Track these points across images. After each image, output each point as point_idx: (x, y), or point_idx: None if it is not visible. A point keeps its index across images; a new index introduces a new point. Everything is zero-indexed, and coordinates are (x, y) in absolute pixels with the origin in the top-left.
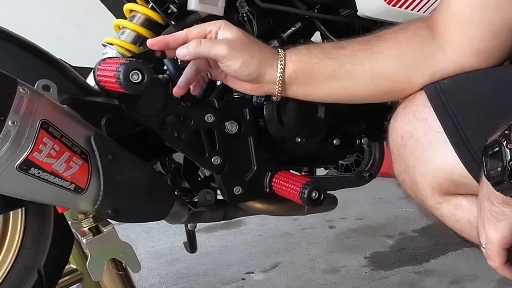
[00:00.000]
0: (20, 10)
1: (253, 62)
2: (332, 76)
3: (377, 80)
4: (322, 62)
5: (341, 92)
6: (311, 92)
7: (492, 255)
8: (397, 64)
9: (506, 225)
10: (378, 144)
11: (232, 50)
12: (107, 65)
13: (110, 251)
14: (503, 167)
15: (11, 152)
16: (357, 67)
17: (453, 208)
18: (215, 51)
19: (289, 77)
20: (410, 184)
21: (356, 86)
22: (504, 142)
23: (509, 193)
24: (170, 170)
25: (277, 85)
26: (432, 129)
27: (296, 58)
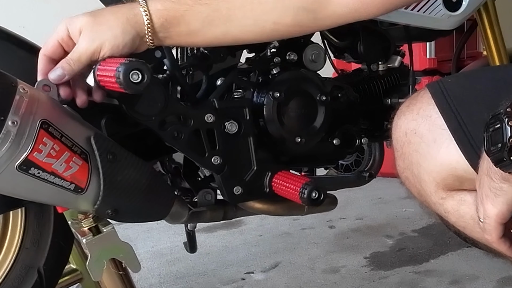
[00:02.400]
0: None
1: (117, 33)
2: (208, 22)
3: (260, 24)
4: (193, 9)
5: (221, 37)
6: (191, 40)
7: (489, 229)
8: (282, 7)
9: (504, 201)
10: (378, 144)
11: (92, 40)
12: (107, 65)
13: (110, 251)
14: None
15: (11, 152)
16: (235, 12)
17: (457, 203)
18: (84, 56)
19: (161, 26)
20: (413, 181)
21: (238, 30)
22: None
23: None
24: (170, 170)
25: (146, 35)
26: (436, 126)
27: (162, 7)
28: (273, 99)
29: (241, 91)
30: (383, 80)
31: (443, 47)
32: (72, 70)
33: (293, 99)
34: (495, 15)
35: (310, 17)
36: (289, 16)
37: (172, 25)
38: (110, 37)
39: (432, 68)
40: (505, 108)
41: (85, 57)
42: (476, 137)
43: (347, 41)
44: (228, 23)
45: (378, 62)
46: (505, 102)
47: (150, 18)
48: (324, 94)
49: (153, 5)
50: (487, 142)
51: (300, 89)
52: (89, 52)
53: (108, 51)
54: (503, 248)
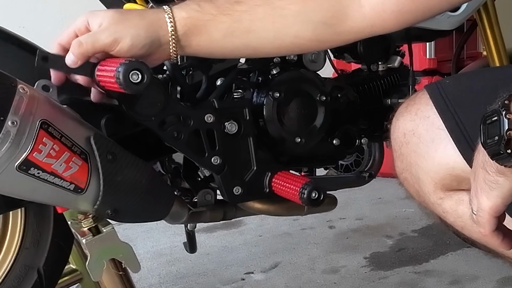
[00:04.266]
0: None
1: (140, 32)
2: (230, 33)
3: (281, 37)
4: (216, 19)
5: (242, 48)
6: (211, 50)
7: (482, 222)
8: (302, 21)
9: (498, 194)
10: (378, 144)
11: (115, 32)
12: (107, 65)
13: (109, 251)
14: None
15: (11, 152)
16: (257, 24)
17: (455, 203)
18: (100, 43)
19: (184, 34)
20: (412, 182)
21: (258, 42)
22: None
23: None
24: (170, 170)
25: (171, 44)
26: (434, 126)
27: (187, 15)
28: (273, 99)
29: (241, 91)
30: (383, 80)
31: (443, 47)
32: (80, 54)
33: (293, 99)
34: (495, 15)
35: (329, 31)
36: (309, 31)
37: (194, 34)
38: (132, 34)
39: (432, 69)
40: (503, 100)
41: (99, 44)
42: (474, 137)
43: None
44: (248, 34)
45: (378, 62)
46: (503, 94)
47: (174, 26)
48: (324, 94)
49: (178, 12)
50: (484, 135)
51: (300, 89)
52: (106, 41)
53: (126, 47)
54: (495, 241)
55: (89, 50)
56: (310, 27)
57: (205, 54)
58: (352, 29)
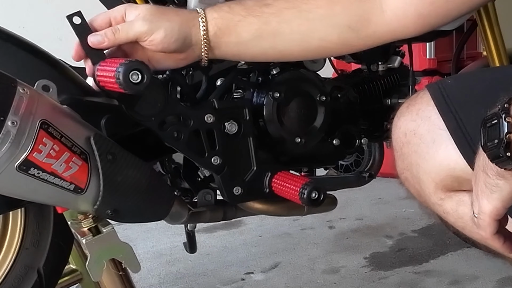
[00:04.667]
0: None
1: (175, 26)
2: (258, 35)
3: (307, 40)
4: (246, 20)
5: (269, 51)
6: (239, 52)
7: (483, 225)
8: (328, 25)
9: (499, 197)
10: (378, 144)
11: (150, 22)
12: (107, 65)
13: (109, 251)
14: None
15: (11, 152)
16: (283, 26)
17: (456, 204)
18: (134, 30)
19: (215, 35)
20: (412, 182)
21: (284, 45)
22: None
23: (505, 166)
24: (170, 170)
25: (202, 44)
26: (435, 126)
27: (218, 15)
28: (273, 100)
29: (241, 92)
30: (383, 81)
31: (443, 47)
32: (114, 40)
33: (293, 100)
34: (495, 15)
35: (353, 36)
36: (334, 34)
37: (224, 35)
38: (167, 28)
39: (432, 69)
40: (502, 104)
41: (133, 33)
42: (475, 138)
43: None
44: (276, 37)
45: (378, 63)
46: (503, 98)
47: (206, 26)
48: (324, 94)
49: (210, 13)
50: (484, 138)
51: (300, 89)
52: (141, 30)
53: (159, 38)
54: (497, 244)
55: (122, 38)
56: (335, 31)
57: (233, 56)
58: (375, 34)
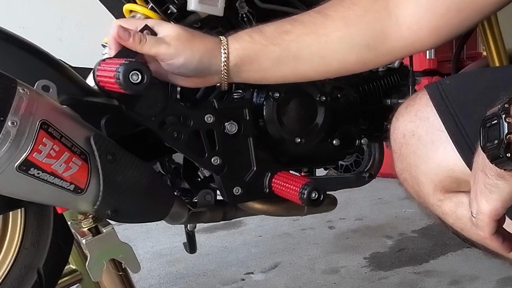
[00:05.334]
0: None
1: (195, 56)
2: (279, 61)
3: (326, 62)
4: (266, 48)
5: (289, 75)
6: (260, 78)
7: (482, 225)
8: (346, 47)
9: (498, 197)
10: (378, 144)
11: (175, 48)
12: (107, 66)
13: (109, 252)
14: (500, 140)
15: (11, 152)
16: (304, 51)
17: (455, 205)
18: (157, 49)
19: (235, 65)
20: (411, 183)
21: (305, 68)
22: (503, 115)
23: (504, 166)
24: (170, 171)
25: (222, 74)
26: (434, 127)
27: (239, 46)
28: (272, 100)
29: (241, 92)
30: (383, 81)
31: (443, 47)
32: (136, 46)
33: (292, 100)
34: (495, 16)
35: (371, 54)
36: (353, 55)
37: (245, 64)
38: (188, 56)
39: (431, 69)
40: (502, 104)
41: (155, 51)
42: (474, 139)
43: None
44: (296, 62)
45: None
46: (503, 97)
47: (227, 57)
48: (323, 94)
49: (232, 44)
50: (483, 138)
51: (299, 89)
52: (163, 51)
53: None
54: (495, 244)
55: (144, 49)
56: (354, 51)
57: (253, 81)
58: (392, 50)
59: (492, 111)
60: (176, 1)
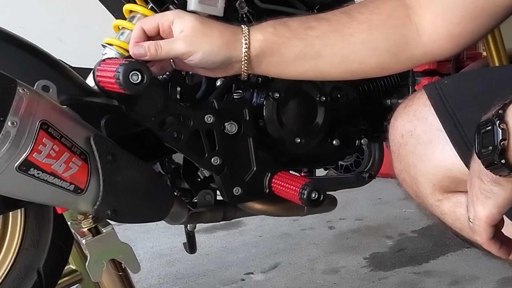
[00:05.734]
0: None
1: (214, 49)
2: (301, 56)
3: (347, 62)
4: (290, 42)
5: (310, 71)
6: (280, 71)
7: (479, 230)
8: (369, 49)
9: (494, 203)
10: (378, 144)
11: (190, 44)
12: (107, 66)
13: (109, 252)
14: (494, 147)
15: (11, 152)
16: (326, 49)
17: (453, 205)
18: (174, 52)
19: (256, 55)
20: (410, 183)
21: (326, 66)
22: (497, 122)
23: (499, 172)
24: (170, 171)
25: (242, 64)
26: (432, 127)
27: (262, 37)
28: (272, 100)
29: (241, 92)
30: (383, 81)
31: None
32: (155, 56)
33: (292, 100)
34: None
35: (392, 59)
36: (374, 58)
37: (266, 55)
38: (206, 50)
39: (431, 69)
40: (496, 110)
41: (174, 53)
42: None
43: None
44: (318, 59)
45: None
46: (497, 104)
47: (248, 48)
48: (323, 94)
49: (254, 34)
50: (478, 144)
51: (299, 89)
52: (181, 52)
53: (197, 60)
54: (493, 249)
55: (163, 55)
56: (375, 55)
57: (273, 74)
58: (412, 57)
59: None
60: (176, 1)
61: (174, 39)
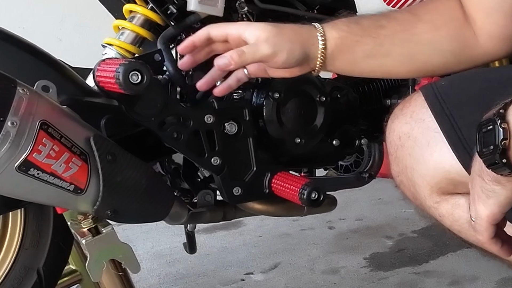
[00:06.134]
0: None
1: (296, 47)
2: (372, 55)
3: (413, 62)
4: (363, 40)
5: (376, 70)
6: (350, 69)
7: (480, 229)
8: (433, 49)
9: (495, 202)
10: (378, 145)
11: (274, 45)
12: (107, 66)
13: (109, 252)
14: (495, 146)
15: (11, 152)
16: (395, 48)
17: (452, 207)
18: (260, 54)
19: (331, 53)
20: (408, 185)
21: (392, 65)
22: (498, 121)
23: (500, 171)
24: (170, 171)
25: (318, 61)
26: (429, 129)
27: (337, 35)
28: (272, 100)
29: (241, 92)
30: (383, 81)
31: None
32: (240, 62)
33: (292, 100)
34: None
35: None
36: (438, 58)
37: (340, 53)
38: (289, 49)
39: None
40: (497, 109)
41: (259, 56)
42: (469, 139)
43: None
44: (386, 57)
45: None
46: (498, 103)
47: (325, 44)
48: (323, 95)
49: (330, 32)
50: (480, 144)
51: (299, 90)
52: (266, 54)
53: (282, 60)
54: (494, 248)
55: (248, 60)
56: (439, 55)
57: (343, 71)
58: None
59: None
60: (176, 1)
61: (256, 44)
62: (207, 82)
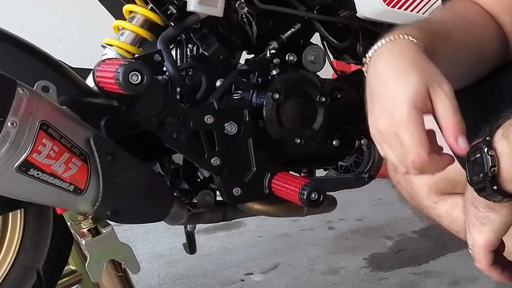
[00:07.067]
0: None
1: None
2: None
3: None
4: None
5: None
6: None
7: (478, 257)
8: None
9: (490, 229)
10: None
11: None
12: (107, 66)
13: (109, 252)
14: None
15: (10, 153)
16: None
17: (450, 207)
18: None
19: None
20: (405, 185)
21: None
22: (485, 149)
23: (492, 198)
24: (170, 171)
25: None
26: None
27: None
28: (272, 100)
29: (241, 92)
30: None
31: None
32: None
33: (292, 100)
34: None
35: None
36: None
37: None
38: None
39: None
40: (484, 137)
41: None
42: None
43: (346, 42)
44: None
45: None
46: (485, 130)
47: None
48: (323, 95)
49: None
50: (469, 172)
51: (299, 90)
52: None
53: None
54: (495, 275)
55: None
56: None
57: None
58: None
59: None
60: (175, 1)
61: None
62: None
